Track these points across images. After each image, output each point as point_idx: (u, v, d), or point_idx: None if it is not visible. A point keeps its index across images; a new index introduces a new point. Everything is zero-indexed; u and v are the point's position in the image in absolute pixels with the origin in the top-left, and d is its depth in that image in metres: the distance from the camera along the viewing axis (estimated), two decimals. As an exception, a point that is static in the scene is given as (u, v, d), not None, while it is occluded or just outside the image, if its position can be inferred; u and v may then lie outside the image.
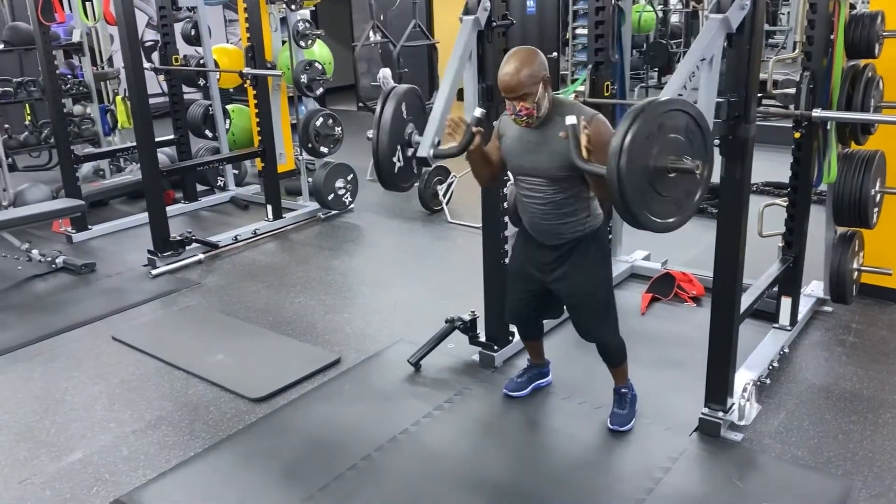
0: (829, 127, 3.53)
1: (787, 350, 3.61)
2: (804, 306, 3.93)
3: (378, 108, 2.89)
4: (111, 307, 4.46)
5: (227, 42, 9.90)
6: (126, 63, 4.86)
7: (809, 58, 3.37)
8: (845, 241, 3.78)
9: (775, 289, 3.71)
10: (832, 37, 3.43)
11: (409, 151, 2.94)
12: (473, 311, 3.70)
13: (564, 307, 3.17)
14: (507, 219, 3.61)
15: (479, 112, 2.86)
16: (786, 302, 3.72)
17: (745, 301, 3.18)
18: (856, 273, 3.87)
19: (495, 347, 3.63)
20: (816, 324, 3.95)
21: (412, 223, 5.97)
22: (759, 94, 2.81)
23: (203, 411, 3.34)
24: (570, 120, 2.48)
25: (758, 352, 3.52)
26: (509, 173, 2.94)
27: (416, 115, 2.99)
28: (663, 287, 4.36)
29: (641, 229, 2.32)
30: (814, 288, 4.13)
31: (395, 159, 2.89)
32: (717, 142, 2.71)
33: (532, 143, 2.71)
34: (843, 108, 3.47)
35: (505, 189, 3.55)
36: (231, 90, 7.41)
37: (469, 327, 3.69)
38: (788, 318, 3.73)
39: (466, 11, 3.14)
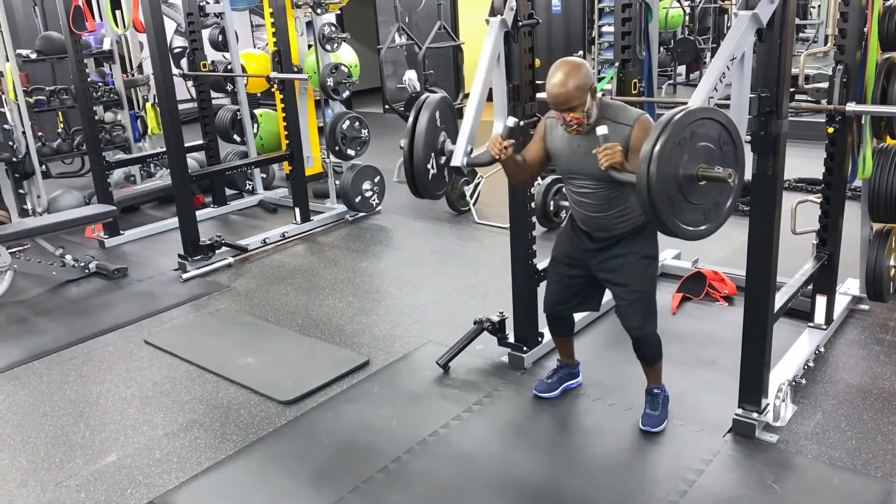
0: (863, 121, 3.47)
1: (822, 349, 3.54)
2: (840, 305, 3.86)
3: (412, 118, 2.89)
4: (143, 311, 4.51)
5: (255, 47, 10.01)
6: (155, 70, 4.92)
7: (842, 51, 3.31)
8: (882, 237, 3.69)
9: (810, 287, 3.64)
10: (865, 29, 3.36)
11: (442, 160, 2.96)
12: (502, 312, 3.68)
13: (599, 303, 3.18)
14: (534, 219, 3.59)
15: (511, 122, 2.92)
16: (821, 300, 3.65)
17: (779, 300, 3.12)
18: (893, 270, 3.77)
19: (524, 348, 3.61)
20: (853, 322, 3.87)
21: (439, 224, 5.96)
22: (791, 89, 2.76)
23: (234, 414, 3.36)
24: (601, 131, 2.51)
25: (793, 351, 3.45)
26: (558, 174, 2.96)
27: (448, 124, 3.00)
28: (694, 286, 4.30)
29: (672, 237, 2.32)
30: (850, 286, 4.05)
31: (429, 166, 2.90)
32: (748, 138, 2.68)
33: (582, 147, 2.72)
34: (878, 101, 3.39)
35: (532, 189, 3.54)
36: (259, 95, 7.47)
37: (498, 328, 3.67)
38: (824, 317, 3.66)
39: (493, 12, 3.13)
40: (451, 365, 3.60)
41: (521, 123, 3.26)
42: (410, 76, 7.49)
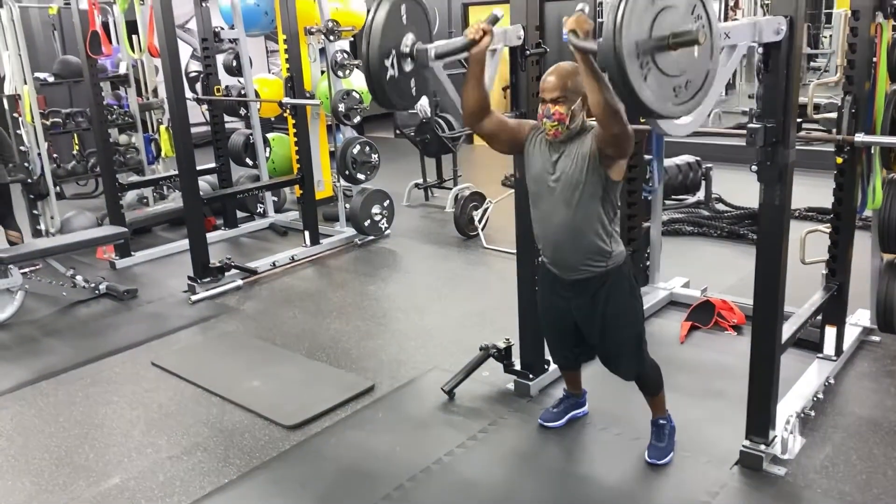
0: (872, 152, 3.45)
1: (832, 381, 3.49)
2: (850, 336, 3.81)
3: (371, 11, 2.60)
4: (151, 333, 4.52)
5: (269, 72, 10.11)
6: (169, 94, 4.97)
7: (851, 81, 3.30)
8: (892, 268, 3.65)
9: (819, 318, 3.60)
10: (875, 60, 3.36)
11: (408, 65, 2.66)
12: (508, 339, 3.66)
13: None
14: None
15: (499, 13, 2.72)
16: (830, 331, 3.61)
17: (787, 330, 3.09)
18: (904, 301, 3.74)
19: (530, 376, 3.58)
20: (863, 354, 3.82)
21: (448, 248, 5.96)
22: (800, 119, 2.75)
23: (238, 438, 3.34)
24: (581, 5, 2.40)
25: (801, 382, 3.41)
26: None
27: (419, 26, 2.69)
28: (703, 315, 4.26)
29: (643, 114, 2.13)
30: (860, 317, 4.00)
31: (389, 76, 2.61)
32: (755, 167, 2.68)
33: (555, 152, 2.68)
34: (888, 132, 3.38)
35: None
36: (273, 119, 7.54)
37: (504, 355, 3.65)
38: (833, 348, 3.62)
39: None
40: (456, 392, 3.58)
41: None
42: (422, 102, 7.54)
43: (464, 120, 2.83)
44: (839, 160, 3.39)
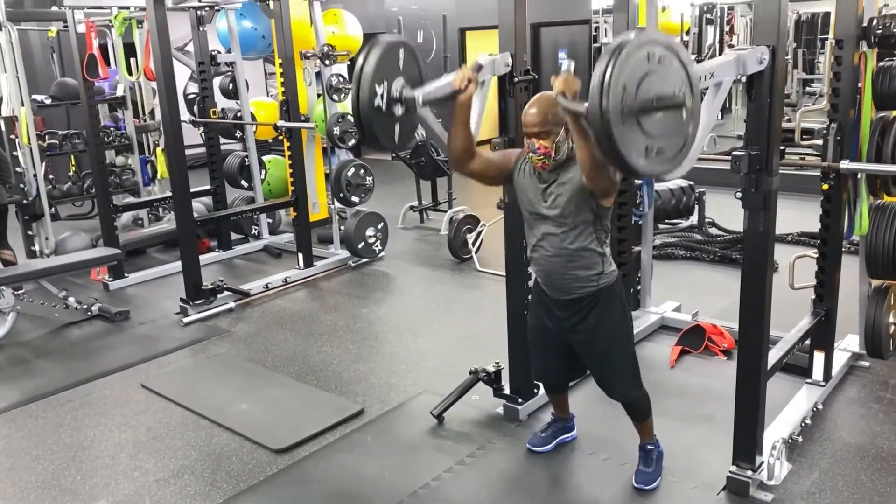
0: (859, 178, 3.48)
1: (820, 406, 3.50)
2: (839, 361, 3.83)
3: (365, 51, 2.66)
4: (142, 355, 4.52)
5: (268, 94, 10.19)
6: (164, 116, 5.02)
7: (836, 109, 3.34)
8: (880, 294, 3.67)
9: (808, 343, 3.61)
10: (860, 87, 3.40)
11: (398, 108, 2.70)
12: (498, 363, 3.67)
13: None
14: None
15: (483, 59, 2.82)
16: (819, 356, 3.63)
17: (774, 356, 3.10)
18: (892, 327, 3.75)
19: (520, 400, 3.59)
20: (852, 379, 3.83)
21: (441, 271, 5.98)
22: (787, 145, 2.78)
23: (225, 461, 3.34)
24: (568, 64, 2.43)
25: (789, 408, 3.42)
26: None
27: (410, 72, 2.75)
28: (693, 340, 4.28)
29: (627, 172, 2.21)
30: (849, 342, 4.02)
31: (377, 105, 2.63)
32: (739, 194, 2.71)
33: (545, 181, 2.72)
34: (873, 159, 3.41)
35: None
36: (270, 141, 7.59)
37: (493, 379, 3.65)
38: (822, 374, 3.63)
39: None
40: (445, 416, 3.58)
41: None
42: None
43: (450, 163, 2.90)
44: (825, 186, 3.43)
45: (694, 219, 6.57)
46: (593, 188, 2.57)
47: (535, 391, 3.63)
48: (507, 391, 3.64)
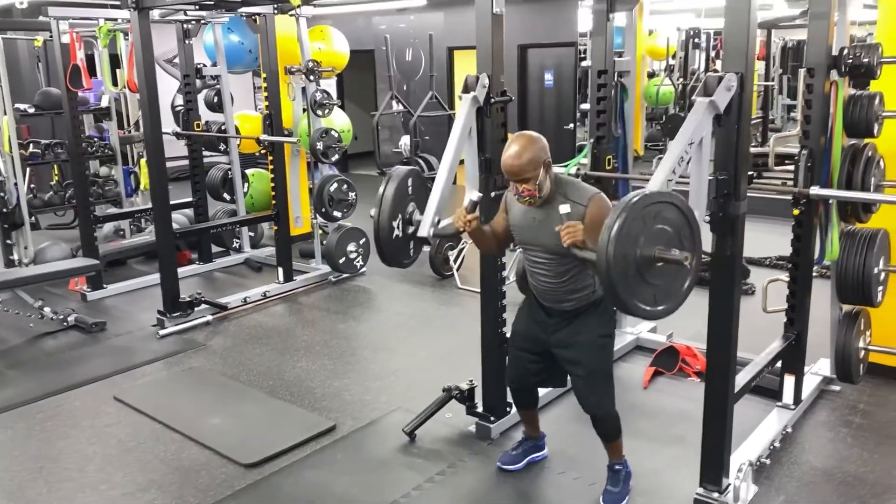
0: (830, 204, 3.53)
1: (789, 430, 3.52)
2: (810, 384, 3.86)
3: (381, 188, 2.98)
4: (116, 367, 4.50)
5: (255, 108, 10.21)
6: (146, 128, 5.03)
7: (807, 136, 3.39)
8: (850, 319, 3.72)
9: (779, 366, 3.64)
10: (832, 112, 3.45)
11: (410, 229, 3.04)
12: (472, 381, 3.68)
13: (567, 378, 3.16)
14: (506, 287, 3.62)
15: (475, 196, 3.01)
16: (789, 380, 3.65)
17: (742, 378, 3.13)
18: (862, 352, 3.79)
19: (492, 419, 3.59)
20: (823, 403, 3.86)
21: (422, 288, 5.99)
22: (763, 169, 2.83)
23: (194, 476, 3.32)
24: (564, 209, 2.61)
25: (759, 431, 3.43)
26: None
27: (418, 194, 3.09)
28: (667, 361, 4.30)
29: (632, 315, 2.36)
30: (821, 366, 4.05)
31: (395, 235, 2.98)
32: (707, 218, 2.74)
33: (536, 219, 2.80)
34: (844, 186, 3.46)
35: (504, 259, 3.58)
36: (257, 154, 7.60)
37: (467, 397, 3.66)
38: (792, 397, 3.65)
39: (465, 89, 3.23)
40: (417, 433, 3.58)
41: (493, 195, 3.32)
42: (405, 141, 7.65)
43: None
44: (796, 212, 3.47)
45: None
46: None
47: (508, 409, 3.64)
48: (479, 409, 3.65)
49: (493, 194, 3.33)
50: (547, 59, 9.77)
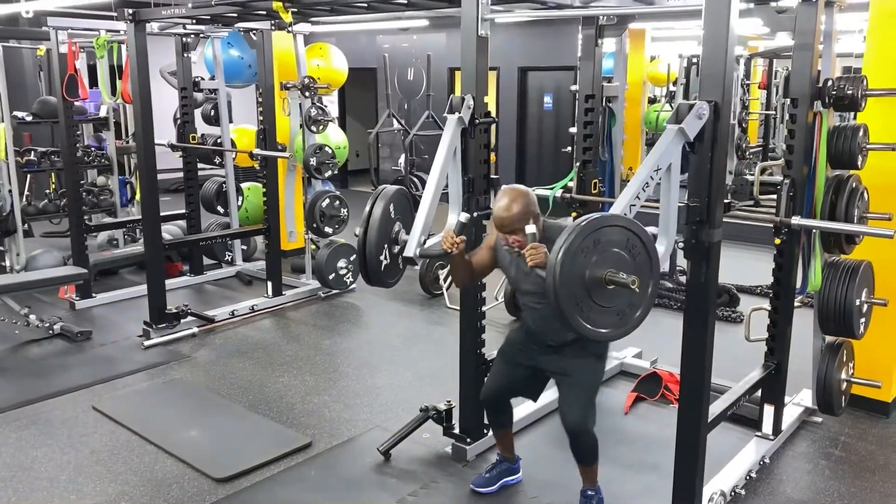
0: (814, 234, 3.53)
1: (767, 460, 3.49)
2: (791, 415, 3.84)
3: (367, 208, 3.01)
4: (98, 376, 4.49)
5: (259, 123, 10.27)
6: (138, 139, 5.06)
7: (790, 166, 3.39)
8: (833, 350, 3.70)
9: (759, 395, 3.62)
10: (816, 143, 3.46)
11: (396, 249, 3.06)
12: (449, 401, 3.66)
13: (539, 394, 3.23)
14: (494, 305, 3.62)
15: (463, 217, 3.04)
16: (768, 410, 3.63)
17: (718, 407, 3.11)
18: (844, 384, 3.77)
19: (468, 440, 3.57)
20: (803, 434, 3.83)
21: (411, 306, 5.98)
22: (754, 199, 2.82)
23: (165, 489, 3.30)
24: (529, 229, 2.65)
25: (735, 460, 3.41)
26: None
27: (404, 214, 3.12)
28: (650, 387, 4.28)
29: (580, 336, 2.38)
30: (804, 396, 4.03)
31: (382, 257, 3.00)
32: (681, 244, 2.74)
33: (526, 267, 2.77)
34: (827, 217, 3.46)
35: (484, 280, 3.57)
36: (256, 168, 7.61)
37: (444, 417, 3.64)
38: (772, 427, 3.63)
39: (450, 110, 3.24)
40: (393, 453, 3.56)
41: (475, 215, 3.33)
42: (404, 160, 7.68)
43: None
44: (777, 241, 3.46)
45: (665, 266, 6.60)
46: None
47: (485, 431, 3.62)
48: (456, 430, 3.63)
49: (474, 214, 3.33)
50: (547, 82, 9.84)
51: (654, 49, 10.94)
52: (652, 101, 11.64)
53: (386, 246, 3.03)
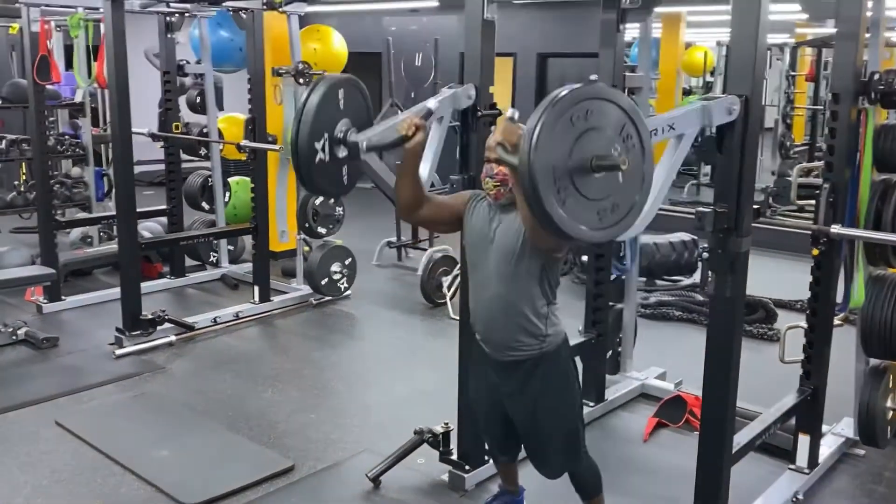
0: (856, 245, 3.48)
1: (800, 497, 3.44)
2: (830, 446, 3.78)
3: (306, 93, 2.83)
4: (63, 388, 4.50)
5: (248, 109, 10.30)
6: (113, 126, 5.07)
7: (830, 168, 3.34)
8: (876, 375, 3.64)
9: (794, 423, 3.57)
10: (861, 143, 3.41)
11: (341, 151, 2.85)
12: (447, 423, 3.63)
13: None
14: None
15: (432, 103, 2.91)
16: (803, 440, 3.57)
17: (745, 436, 3.07)
18: (890, 412, 3.70)
19: (467, 467, 3.54)
20: (843, 468, 3.77)
21: (410, 316, 5.97)
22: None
23: (129, 514, 3.30)
24: (511, 112, 2.53)
25: (765, 496, 3.36)
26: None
27: (356, 112, 2.92)
28: (674, 412, 4.23)
29: (558, 235, 2.21)
30: (845, 426, 3.96)
31: (318, 149, 2.79)
32: (705, 254, 2.70)
33: (495, 218, 2.73)
34: (872, 226, 3.40)
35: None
36: (248, 161, 7.62)
37: (441, 441, 3.61)
38: (807, 460, 3.57)
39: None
40: (383, 479, 3.54)
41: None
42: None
43: (399, 212, 2.98)
44: (815, 252, 3.41)
45: (696, 277, 6.56)
46: (538, 245, 2.58)
47: (487, 458, 3.58)
48: (454, 456, 3.60)
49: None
50: (569, 70, 9.79)
51: (690, 36, 10.92)
52: (687, 92, 11.60)
53: (326, 146, 2.79)
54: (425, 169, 2.98)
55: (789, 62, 10.43)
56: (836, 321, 3.74)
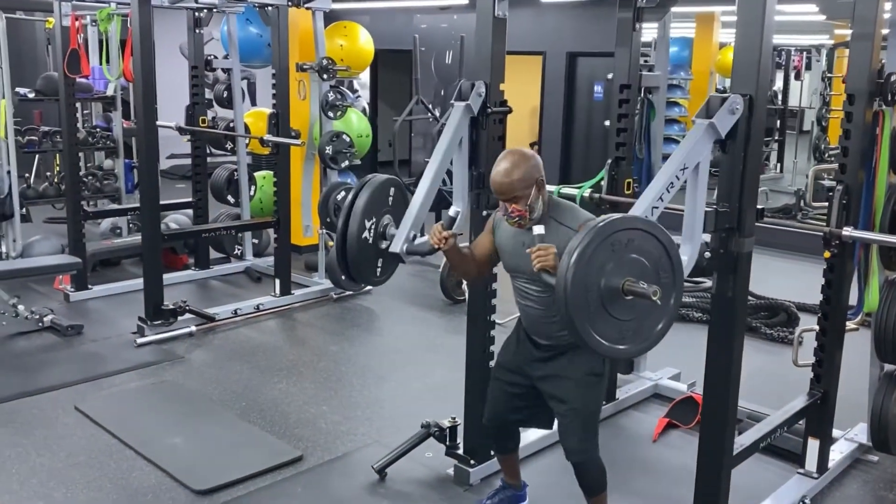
0: (871, 248, 3.43)
1: (808, 501, 3.40)
2: (842, 451, 3.74)
3: (350, 197, 3.00)
4: (84, 374, 4.60)
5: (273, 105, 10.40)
6: (139, 120, 5.17)
7: (843, 170, 3.30)
8: (890, 380, 3.58)
9: (802, 427, 3.54)
10: (878, 146, 3.36)
11: (383, 244, 3.04)
12: (454, 418, 3.66)
13: (551, 421, 3.13)
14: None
15: (453, 212, 3.06)
16: (813, 444, 3.53)
17: (749, 438, 3.05)
18: (904, 419, 3.65)
19: (472, 462, 3.56)
20: (854, 474, 3.72)
21: (429, 312, 5.99)
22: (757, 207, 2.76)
23: (140, 498, 3.37)
24: (538, 230, 2.60)
25: (773, 498, 3.34)
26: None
27: (397, 207, 3.10)
28: (685, 412, 4.20)
29: (587, 348, 2.33)
30: (859, 431, 3.91)
31: (364, 238, 2.97)
32: (707, 254, 2.69)
33: (526, 244, 2.76)
34: (887, 229, 3.36)
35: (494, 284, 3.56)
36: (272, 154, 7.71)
37: (447, 435, 3.64)
38: (816, 464, 3.53)
39: (459, 97, 3.24)
40: (389, 472, 3.58)
41: (485, 213, 3.31)
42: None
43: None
44: (827, 254, 3.37)
45: (688, 273, 6.47)
46: None
47: (492, 453, 3.60)
48: (460, 450, 3.62)
49: (484, 213, 3.33)
50: (598, 70, 9.73)
51: (725, 36, 10.77)
52: (721, 93, 11.43)
53: (370, 236, 3.00)
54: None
55: (826, 64, 10.26)
56: (852, 325, 3.70)
